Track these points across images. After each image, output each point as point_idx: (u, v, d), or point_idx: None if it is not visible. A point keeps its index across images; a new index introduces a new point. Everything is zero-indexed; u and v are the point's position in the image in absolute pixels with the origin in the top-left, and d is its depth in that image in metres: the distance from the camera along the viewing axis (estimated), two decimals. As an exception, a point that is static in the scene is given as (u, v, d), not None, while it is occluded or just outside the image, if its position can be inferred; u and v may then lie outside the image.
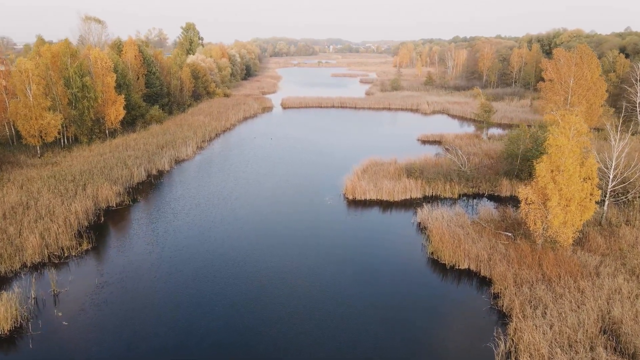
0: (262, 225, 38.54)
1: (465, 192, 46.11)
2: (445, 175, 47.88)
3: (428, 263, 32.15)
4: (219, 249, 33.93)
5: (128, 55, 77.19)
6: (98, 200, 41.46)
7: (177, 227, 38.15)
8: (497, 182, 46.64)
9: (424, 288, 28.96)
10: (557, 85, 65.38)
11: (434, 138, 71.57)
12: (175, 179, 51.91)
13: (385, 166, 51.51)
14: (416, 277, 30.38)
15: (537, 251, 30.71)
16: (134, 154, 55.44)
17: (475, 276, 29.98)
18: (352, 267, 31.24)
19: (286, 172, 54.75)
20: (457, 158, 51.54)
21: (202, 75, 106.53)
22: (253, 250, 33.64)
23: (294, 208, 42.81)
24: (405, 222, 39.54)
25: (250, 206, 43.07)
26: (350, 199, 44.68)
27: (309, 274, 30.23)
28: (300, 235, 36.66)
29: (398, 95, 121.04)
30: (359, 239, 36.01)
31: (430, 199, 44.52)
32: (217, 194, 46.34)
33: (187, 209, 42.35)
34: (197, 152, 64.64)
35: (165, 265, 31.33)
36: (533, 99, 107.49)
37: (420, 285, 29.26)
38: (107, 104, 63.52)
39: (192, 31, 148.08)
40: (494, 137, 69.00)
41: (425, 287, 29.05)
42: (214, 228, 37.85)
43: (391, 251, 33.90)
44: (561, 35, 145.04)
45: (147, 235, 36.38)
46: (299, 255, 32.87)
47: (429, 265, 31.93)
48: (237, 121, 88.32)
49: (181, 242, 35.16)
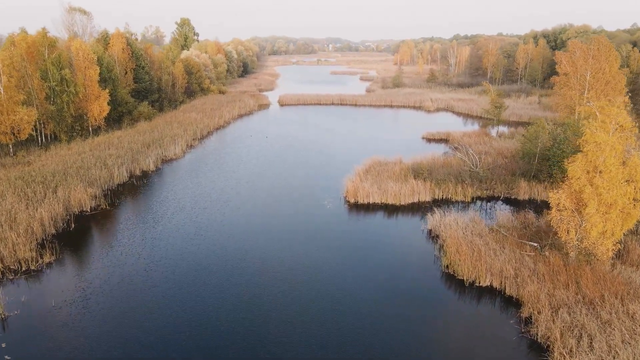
0: (252, 232, 34.15)
1: (479, 194, 41.76)
2: (456, 177, 43.54)
3: (442, 278, 27.77)
4: (203, 259, 29.54)
5: (115, 48, 72.68)
6: (70, 205, 37.04)
7: (158, 234, 33.75)
8: (513, 184, 42.28)
9: (439, 309, 24.58)
10: (572, 79, 61.00)
11: (439, 136, 67.21)
12: (161, 180, 47.51)
13: (390, 166, 47.13)
14: (429, 295, 26.01)
15: (570, 266, 26.33)
16: (116, 152, 51.00)
17: (500, 295, 25.60)
18: (354, 283, 26.86)
19: (281, 172, 50.36)
20: (468, 157, 47.22)
21: (196, 71, 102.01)
22: (241, 262, 29.25)
23: (288, 213, 38.42)
24: (414, 229, 35.15)
25: (240, 210, 38.68)
26: (351, 203, 40.30)
27: (305, 290, 25.85)
28: (296, 244, 32.25)
29: (400, 92, 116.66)
30: (362, 249, 31.62)
31: (441, 203, 40.16)
32: (205, 197, 41.95)
33: (171, 213, 37.96)
34: (187, 151, 60.22)
35: (140, 280, 26.93)
36: (541, 96, 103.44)
37: (435, 306, 24.88)
38: (90, 99, 59.07)
39: (187, 27, 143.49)
40: (504, 135, 64.75)
41: (440, 308, 24.68)
42: (199, 235, 33.45)
43: (399, 264, 29.52)
44: (567, 31, 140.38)
45: (122, 244, 31.97)
46: (293, 269, 28.48)
47: (443, 280, 27.55)
48: (231, 118, 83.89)
49: (160, 251, 30.76)
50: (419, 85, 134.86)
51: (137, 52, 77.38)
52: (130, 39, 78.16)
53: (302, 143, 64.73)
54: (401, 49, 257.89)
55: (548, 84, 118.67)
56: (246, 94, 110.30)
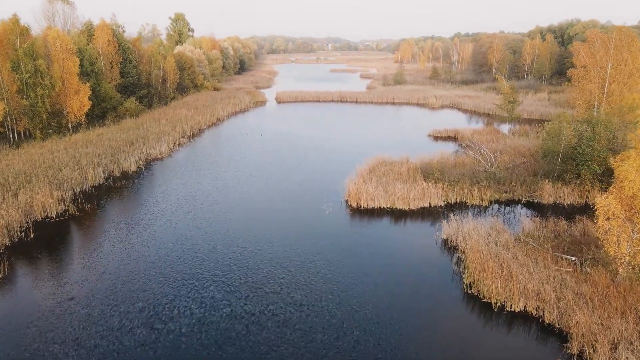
0: (238, 243, 29.45)
1: (497, 198, 37.11)
2: (471, 178, 38.87)
3: (464, 301, 23.09)
4: (180, 275, 24.85)
5: (100, 40, 67.94)
6: (31, 210, 32.37)
7: (130, 244, 29.05)
8: (535, 186, 37.62)
9: (463, 338, 19.91)
10: (592, 71, 56.26)
11: (447, 134, 62.55)
12: (142, 182, 42.81)
13: (396, 166, 42.45)
14: (449, 321, 21.34)
15: (622, 287, 21.68)
16: (94, 151, 46.30)
17: (537, 323, 20.92)
18: (358, 306, 22.18)
19: (276, 173, 45.69)
20: (482, 156, 42.59)
21: (189, 67, 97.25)
22: (225, 278, 24.58)
23: (281, 219, 33.73)
24: (427, 238, 30.46)
25: (227, 216, 33.99)
26: (353, 207, 35.63)
27: (300, 315, 21.17)
28: (289, 258, 27.56)
29: (402, 89, 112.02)
30: (367, 263, 26.93)
31: (454, 207, 35.52)
32: (189, 200, 37.28)
33: (148, 219, 33.27)
34: (175, 149, 55.50)
35: (99, 301, 22.25)
36: (550, 92, 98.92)
37: (457, 334, 20.21)
38: (68, 94, 54.37)
39: (181, 22, 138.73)
40: (517, 132, 60.09)
41: (464, 338, 20.00)
42: (179, 245, 28.76)
43: (411, 282, 24.85)
44: (575, 26, 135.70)
45: (86, 257, 27.28)
46: (285, 287, 23.80)
47: (465, 303, 22.87)
48: (225, 115, 79.16)
49: (130, 265, 26.07)
50: (422, 82, 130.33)
51: (124, 45, 72.64)
52: (116, 31, 73.41)
53: (299, 141, 60.09)
54: (402, 46, 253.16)
55: (557, 80, 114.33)
56: (241, 91, 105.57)
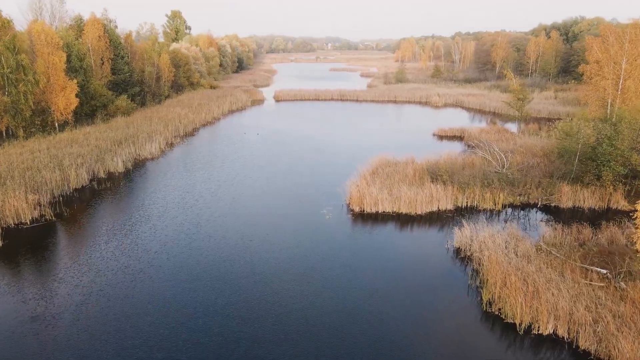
0: (229, 251, 26.61)
1: (511, 201, 34.28)
2: (482, 180, 36.04)
3: (483, 320, 20.27)
4: (161, 291, 22.03)
5: (90, 35, 65.07)
6: (3, 216, 29.55)
7: (109, 253, 26.21)
8: (553, 188, 34.81)
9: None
10: (605, 67, 53.49)
11: (453, 133, 59.74)
12: (129, 184, 39.99)
13: (401, 167, 39.62)
14: (467, 346, 18.52)
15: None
16: (78, 151, 43.45)
17: (571, 349, 18.10)
18: (361, 324, 19.36)
19: (272, 174, 42.87)
20: (493, 157, 39.80)
21: (184, 64, 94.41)
22: (213, 293, 21.76)
23: (277, 225, 30.89)
24: (437, 247, 27.63)
25: (218, 221, 31.15)
26: (355, 212, 32.81)
27: (296, 335, 18.34)
28: (284, 269, 24.73)
29: (404, 87, 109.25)
30: (371, 276, 24.09)
31: (465, 212, 32.72)
32: (178, 203, 34.46)
33: (132, 224, 30.45)
34: (166, 149, 52.65)
35: (67, 320, 19.41)
36: (556, 91, 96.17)
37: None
38: (54, 91, 51.52)
39: (178, 19, 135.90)
40: (526, 131, 57.27)
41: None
42: (162, 254, 25.93)
43: (421, 298, 22.02)
44: (580, 23, 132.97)
45: (59, 268, 24.45)
46: (280, 303, 20.98)
47: (485, 324, 20.05)
48: (220, 114, 76.33)
49: (107, 277, 23.23)
50: (423, 80, 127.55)
51: (116, 41, 69.79)
52: (108, 26, 70.56)
53: (297, 141, 57.27)
54: (402, 45, 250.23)
55: (562, 79, 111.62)
56: (239, 89, 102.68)
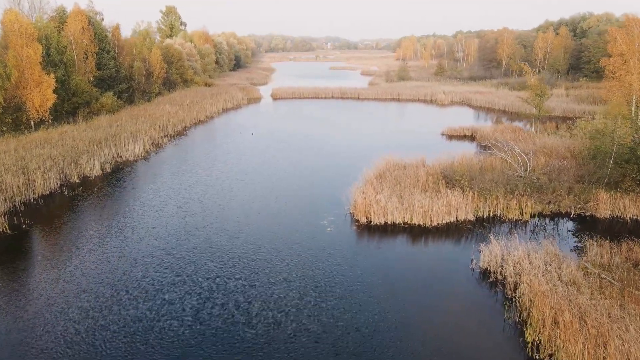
0: (211, 272, 22.11)
1: (539, 210, 29.82)
2: (505, 185, 31.57)
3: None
4: (124, 325, 17.54)
5: (72, 27, 60.56)
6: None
7: (67, 274, 21.71)
8: (587, 195, 30.35)
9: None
10: (630, 61, 49.07)
11: (464, 132, 55.30)
12: (104, 189, 35.50)
13: (411, 170, 35.16)
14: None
15: None
16: (50, 152, 38.98)
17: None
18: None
19: (266, 178, 38.41)
20: (514, 158, 35.30)
21: (177, 60, 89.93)
22: (189, 325, 17.28)
23: (270, 239, 26.39)
24: (459, 267, 23.15)
25: (201, 233, 26.66)
26: (361, 223, 28.33)
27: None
28: (276, 294, 20.23)
29: (407, 85, 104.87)
30: (381, 304, 19.59)
31: (488, 222, 28.28)
32: (157, 212, 29.98)
33: (100, 237, 25.95)
34: (151, 150, 48.14)
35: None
36: (567, 88, 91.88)
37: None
38: (29, 86, 47.02)
39: (172, 15, 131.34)
40: (543, 130, 52.79)
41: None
42: (131, 275, 21.44)
43: (444, 335, 17.53)
44: (588, 19, 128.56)
45: (7, 293, 19.95)
46: (272, 336, 16.49)
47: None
48: (214, 113, 71.83)
49: (59, 308, 18.74)
50: (427, 78, 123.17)
51: (101, 34, 65.29)
52: (93, 19, 66.08)
53: (295, 141, 52.81)
54: (403, 43, 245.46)
55: (572, 76, 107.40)
56: (235, 87, 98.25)
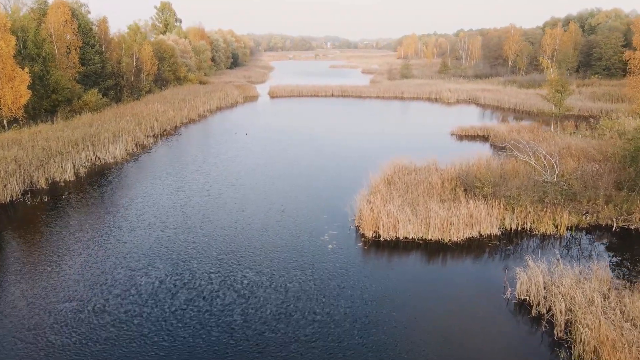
0: (188, 300, 17.90)
1: (575, 222, 25.62)
2: (532, 192, 27.33)
3: None
4: (95, 343, 13.39)
5: (53, 19, 56.30)
6: None
7: (19, 298, 17.52)
8: (631, 205, 26.14)
9: None
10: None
11: (475, 132, 51.11)
12: (73, 197, 31.26)
13: (423, 174, 30.96)
14: None
15: None
16: (16, 154, 34.76)
17: None
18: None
19: (259, 184, 34.19)
20: (539, 162, 31.07)
21: (169, 57, 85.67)
22: (167, 347, 13.14)
23: (261, 259, 22.16)
24: (489, 296, 18.91)
25: (180, 249, 22.44)
26: (368, 238, 24.10)
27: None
28: (270, 324, 16.01)
29: (410, 83, 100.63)
30: (393, 344, 15.37)
31: (516, 237, 24.07)
32: (132, 223, 25.79)
33: (60, 255, 21.73)
34: (134, 151, 43.91)
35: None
36: (578, 86, 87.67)
37: None
38: (0, 81, 42.84)
39: (167, 11, 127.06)
40: (561, 129, 48.60)
41: None
42: (88, 305, 17.24)
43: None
44: (597, 15, 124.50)
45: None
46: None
47: None
48: (207, 111, 67.61)
49: (11, 336, 14.60)
50: (431, 76, 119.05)
51: (85, 27, 61.07)
52: (77, 11, 61.87)
53: (293, 142, 48.61)
54: (405, 42, 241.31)
55: (583, 73, 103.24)
56: (230, 85, 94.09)
